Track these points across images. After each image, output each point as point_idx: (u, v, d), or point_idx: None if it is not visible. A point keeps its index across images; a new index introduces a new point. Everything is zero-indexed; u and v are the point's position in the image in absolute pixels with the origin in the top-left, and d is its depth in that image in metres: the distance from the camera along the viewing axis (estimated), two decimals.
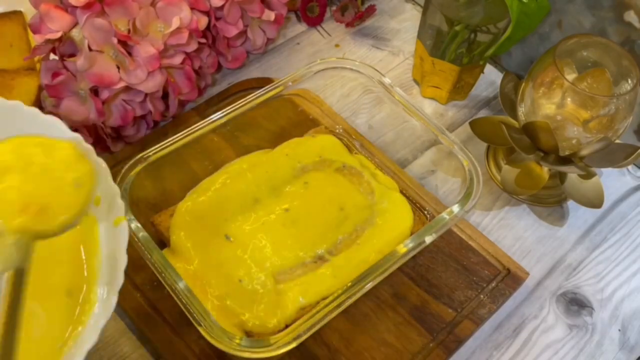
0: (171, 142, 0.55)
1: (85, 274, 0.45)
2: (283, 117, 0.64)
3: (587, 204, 0.61)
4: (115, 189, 0.45)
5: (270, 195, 0.58)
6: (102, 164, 0.45)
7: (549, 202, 0.65)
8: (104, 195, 0.45)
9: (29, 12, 0.68)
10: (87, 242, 0.46)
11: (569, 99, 0.58)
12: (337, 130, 0.65)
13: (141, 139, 0.64)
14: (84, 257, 0.45)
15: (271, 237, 0.54)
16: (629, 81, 0.57)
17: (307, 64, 0.61)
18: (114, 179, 0.52)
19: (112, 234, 0.45)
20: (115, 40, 0.57)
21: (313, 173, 0.59)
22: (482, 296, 0.57)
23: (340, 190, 0.59)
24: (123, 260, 0.42)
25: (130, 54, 0.58)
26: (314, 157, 0.61)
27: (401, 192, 0.60)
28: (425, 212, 0.60)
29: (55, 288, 0.44)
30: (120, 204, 0.44)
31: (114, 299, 0.41)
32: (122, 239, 0.43)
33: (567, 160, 0.60)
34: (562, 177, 0.63)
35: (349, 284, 0.48)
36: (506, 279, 0.58)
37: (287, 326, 0.50)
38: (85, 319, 0.42)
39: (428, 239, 0.52)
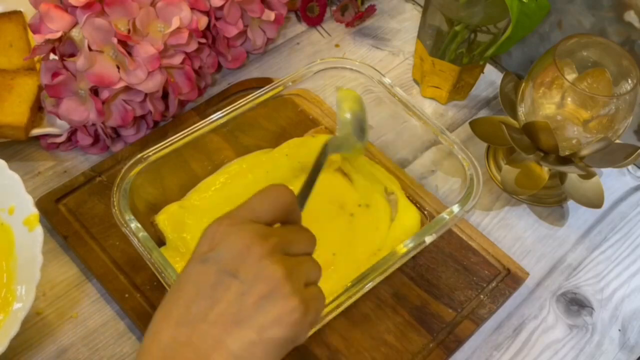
0: (171, 142, 0.55)
1: (5, 276, 0.51)
2: (283, 117, 0.64)
3: (587, 204, 0.61)
4: (28, 198, 0.52)
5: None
6: (14, 176, 0.52)
7: (549, 202, 0.65)
8: (18, 204, 0.52)
9: (29, 12, 0.68)
10: (3, 249, 0.52)
11: (569, 99, 0.58)
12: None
13: (141, 139, 0.64)
14: (2, 263, 0.51)
15: None
16: (629, 81, 0.57)
17: (307, 64, 0.61)
18: (114, 178, 0.53)
19: (28, 238, 0.50)
20: (115, 40, 0.57)
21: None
22: (482, 296, 0.57)
23: (341, 189, 0.59)
24: (39, 260, 0.49)
25: (130, 54, 0.58)
26: (314, 157, 0.61)
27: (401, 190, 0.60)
28: (425, 212, 0.60)
29: None
30: (34, 212, 0.51)
31: (31, 294, 0.48)
32: (37, 241, 0.50)
33: (567, 160, 0.60)
34: (562, 177, 0.63)
35: (349, 284, 0.48)
36: (506, 279, 0.58)
37: None
38: (6, 313, 0.49)
39: (428, 239, 0.52)
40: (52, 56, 0.59)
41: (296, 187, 0.59)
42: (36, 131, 0.62)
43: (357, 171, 0.61)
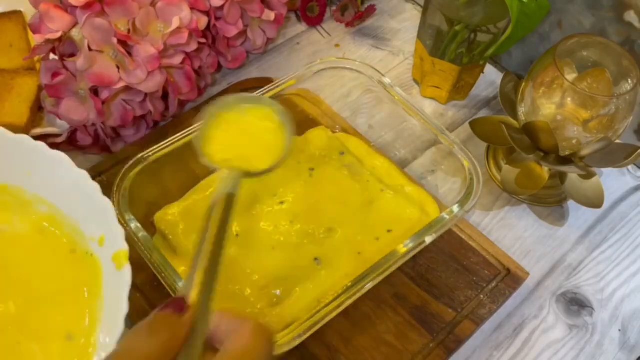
0: (171, 142, 0.55)
1: (87, 318, 0.44)
2: None
3: (587, 204, 0.61)
4: (120, 230, 0.43)
5: (270, 194, 0.58)
6: (108, 203, 0.44)
7: (549, 202, 0.65)
8: (109, 235, 0.44)
9: (29, 12, 0.68)
10: (90, 285, 0.45)
11: (569, 99, 0.58)
12: (337, 131, 0.65)
13: (141, 139, 0.64)
14: (86, 300, 0.44)
15: (272, 236, 0.55)
16: (629, 81, 0.57)
17: (307, 64, 0.61)
18: (114, 178, 0.53)
19: (114, 278, 0.43)
20: (115, 40, 0.57)
21: (315, 170, 0.59)
22: (482, 296, 0.57)
23: (342, 186, 0.59)
24: (124, 308, 0.41)
25: (130, 54, 0.58)
26: (312, 152, 0.61)
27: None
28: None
29: (56, 331, 0.43)
30: (125, 247, 0.43)
31: (112, 348, 0.40)
32: (125, 283, 0.42)
33: (567, 160, 0.60)
34: (562, 177, 0.63)
35: (349, 284, 0.48)
36: (506, 279, 0.58)
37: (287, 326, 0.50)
38: None
39: (428, 239, 0.52)
40: (52, 56, 0.59)
41: (297, 187, 0.59)
42: (36, 131, 0.62)
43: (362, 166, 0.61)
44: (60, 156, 0.47)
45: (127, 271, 0.43)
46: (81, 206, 0.46)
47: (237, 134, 0.43)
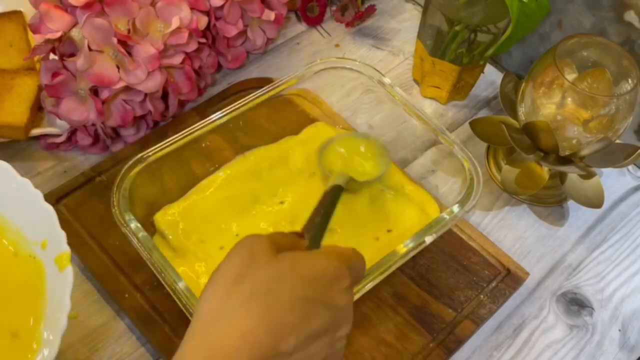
0: (171, 142, 0.55)
1: (32, 317, 0.46)
2: (283, 117, 0.64)
3: (587, 204, 0.61)
4: (62, 234, 0.47)
5: (270, 194, 0.58)
6: (49, 209, 0.48)
7: (549, 202, 0.65)
8: (51, 239, 0.47)
9: (29, 12, 0.68)
10: (34, 286, 0.47)
11: (569, 99, 0.58)
12: (338, 129, 0.65)
13: (141, 139, 0.64)
14: (31, 301, 0.47)
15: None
16: (629, 81, 0.57)
17: (307, 64, 0.61)
18: (114, 178, 0.53)
19: (57, 279, 0.46)
20: (115, 40, 0.57)
21: (315, 171, 0.60)
22: (482, 296, 0.57)
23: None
24: (67, 306, 0.44)
25: (130, 54, 0.58)
26: (312, 152, 0.61)
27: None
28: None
29: (1, 330, 0.46)
30: (67, 250, 0.46)
31: (56, 343, 0.43)
32: (67, 284, 0.45)
33: (567, 160, 0.60)
34: (562, 177, 0.63)
35: None
36: (506, 279, 0.58)
37: None
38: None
39: (428, 239, 0.52)
40: (52, 56, 0.59)
41: (296, 187, 0.59)
42: (36, 131, 0.62)
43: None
44: (4, 166, 0.50)
45: (69, 272, 0.45)
46: (24, 213, 0.49)
47: (350, 153, 0.60)
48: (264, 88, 0.59)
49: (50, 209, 0.48)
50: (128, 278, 0.55)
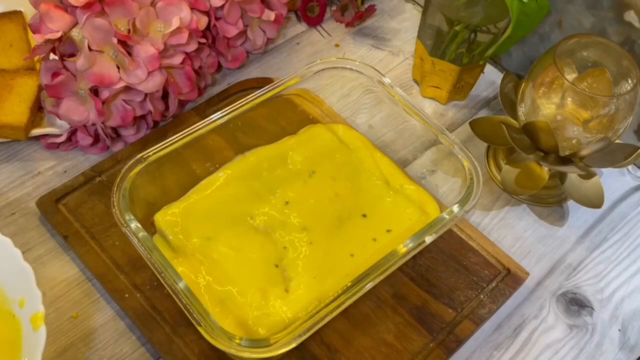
0: (171, 142, 0.55)
1: None
2: (283, 117, 0.64)
3: (587, 204, 0.61)
4: (38, 293, 0.47)
5: (269, 193, 0.58)
6: (27, 267, 0.48)
7: (549, 202, 0.65)
8: (29, 298, 0.47)
9: (29, 12, 0.68)
10: (12, 343, 0.47)
11: (569, 99, 0.58)
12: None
13: (141, 139, 0.64)
14: (9, 358, 0.47)
15: (274, 236, 0.55)
16: (629, 81, 0.57)
17: (307, 64, 0.61)
18: (114, 179, 0.53)
19: (32, 338, 0.46)
20: (115, 40, 0.57)
21: (315, 171, 0.60)
22: (482, 296, 0.57)
23: (342, 186, 0.59)
24: None
25: (130, 54, 0.58)
26: (312, 152, 0.61)
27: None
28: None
29: None
30: (41, 310, 0.46)
31: None
32: (40, 344, 0.45)
33: (567, 160, 0.60)
34: (562, 177, 0.63)
35: (349, 284, 0.48)
36: (506, 279, 0.58)
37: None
38: None
39: (428, 239, 0.52)
40: (52, 56, 0.59)
41: (296, 187, 0.59)
42: (36, 131, 0.62)
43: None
44: None
45: (42, 332, 0.45)
46: (4, 270, 0.49)
47: None
48: (264, 88, 0.59)
49: (27, 267, 0.48)
50: (128, 278, 0.55)
